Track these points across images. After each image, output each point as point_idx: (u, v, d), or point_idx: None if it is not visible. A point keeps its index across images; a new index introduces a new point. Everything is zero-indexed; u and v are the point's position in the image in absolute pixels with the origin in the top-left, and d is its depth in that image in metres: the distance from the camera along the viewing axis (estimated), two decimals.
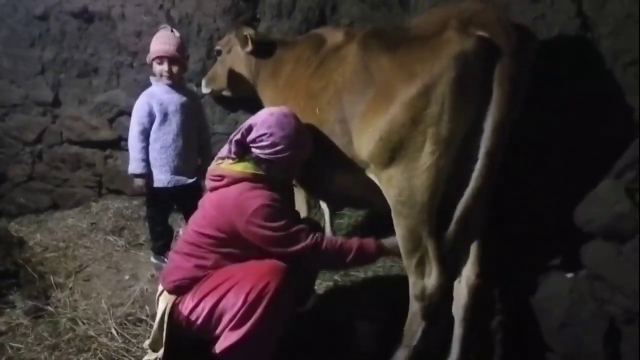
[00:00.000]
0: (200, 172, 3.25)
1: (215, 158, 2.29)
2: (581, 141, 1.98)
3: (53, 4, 4.09)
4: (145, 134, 3.04)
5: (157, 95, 3.06)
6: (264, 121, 2.13)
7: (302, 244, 2.08)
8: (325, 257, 2.14)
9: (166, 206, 3.26)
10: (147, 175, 3.06)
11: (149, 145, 3.06)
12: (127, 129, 4.13)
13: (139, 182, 3.07)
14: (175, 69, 3.05)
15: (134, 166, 3.03)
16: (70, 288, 3.08)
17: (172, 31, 3.09)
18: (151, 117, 3.03)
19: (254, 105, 3.30)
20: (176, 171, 3.11)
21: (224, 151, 2.23)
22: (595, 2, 1.87)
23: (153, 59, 3.06)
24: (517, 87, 1.75)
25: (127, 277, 3.23)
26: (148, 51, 3.75)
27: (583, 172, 1.97)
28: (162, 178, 3.08)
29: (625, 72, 1.82)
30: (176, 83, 3.11)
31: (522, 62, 1.75)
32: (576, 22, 1.93)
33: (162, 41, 3.03)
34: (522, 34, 1.77)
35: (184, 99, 3.14)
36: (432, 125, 1.78)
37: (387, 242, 2.22)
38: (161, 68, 3.04)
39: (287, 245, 2.08)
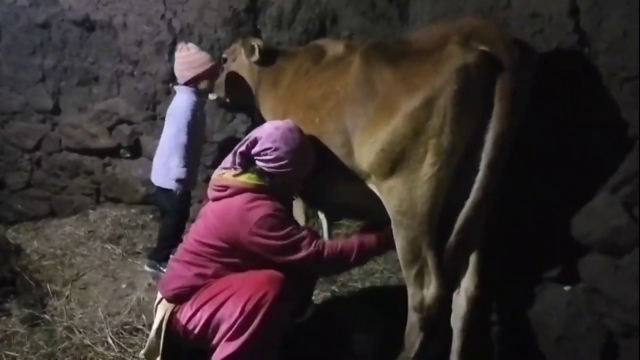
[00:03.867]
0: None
1: (219, 168, 2.30)
2: (578, 155, 2.00)
3: (55, 12, 4.10)
4: (190, 142, 3.24)
5: (197, 106, 3.30)
6: (269, 135, 2.15)
7: (305, 252, 2.09)
8: (328, 262, 2.15)
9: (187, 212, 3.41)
10: (187, 181, 3.27)
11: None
12: (126, 137, 4.20)
13: (180, 187, 3.23)
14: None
15: (182, 172, 3.20)
16: (67, 296, 3.07)
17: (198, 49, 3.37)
18: (196, 126, 3.28)
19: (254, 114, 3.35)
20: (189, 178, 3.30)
21: (227, 162, 2.25)
22: (593, 18, 1.89)
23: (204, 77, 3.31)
24: (518, 100, 1.77)
25: (123, 285, 3.22)
26: (149, 60, 3.84)
27: (580, 186, 1.99)
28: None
29: (621, 88, 1.84)
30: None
31: (522, 77, 1.78)
32: (574, 38, 1.96)
33: (206, 58, 3.32)
34: (522, 49, 1.80)
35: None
36: (433, 137, 1.80)
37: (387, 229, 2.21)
38: (208, 84, 3.36)
39: (291, 253, 2.10)
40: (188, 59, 3.28)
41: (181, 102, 3.26)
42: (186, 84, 3.29)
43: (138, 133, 4.21)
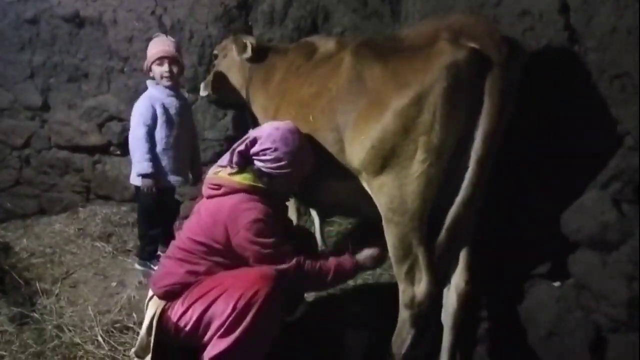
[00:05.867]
0: (196, 175, 3.38)
1: (215, 166, 2.29)
2: (568, 151, 2.01)
3: (44, 8, 4.07)
4: (150, 135, 3.07)
5: (159, 97, 3.11)
6: (269, 135, 2.15)
7: (286, 265, 2.11)
8: (306, 278, 2.18)
9: (161, 209, 3.26)
10: (156, 175, 3.08)
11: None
12: (116, 134, 4.18)
13: (147, 182, 3.08)
14: (175, 69, 3.11)
15: (144, 166, 3.04)
16: (57, 295, 3.04)
17: (167, 36, 3.19)
18: (154, 119, 3.07)
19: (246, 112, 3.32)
20: (176, 172, 3.18)
21: (224, 160, 2.24)
22: (583, 16, 1.90)
23: (153, 62, 3.10)
24: (507, 97, 1.78)
25: (114, 283, 3.19)
26: (139, 57, 3.76)
27: (570, 182, 2.00)
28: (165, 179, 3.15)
29: (611, 85, 1.85)
30: (175, 85, 3.18)
31: (511, 74, 1.79)
32: (564, 35, 1.96)
33: (161, 44, 3.11)
34: (511, 46, 1.81)
35: (182, 101, 3.24)
36: (423, 134, 1.80)
37: (360, 256, 2.29)
38: (162, 69, 3.09)
39: (272, 263, 2.10)
40: (170, 39, 3.17)
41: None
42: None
43: (128, 130, 4.17)
